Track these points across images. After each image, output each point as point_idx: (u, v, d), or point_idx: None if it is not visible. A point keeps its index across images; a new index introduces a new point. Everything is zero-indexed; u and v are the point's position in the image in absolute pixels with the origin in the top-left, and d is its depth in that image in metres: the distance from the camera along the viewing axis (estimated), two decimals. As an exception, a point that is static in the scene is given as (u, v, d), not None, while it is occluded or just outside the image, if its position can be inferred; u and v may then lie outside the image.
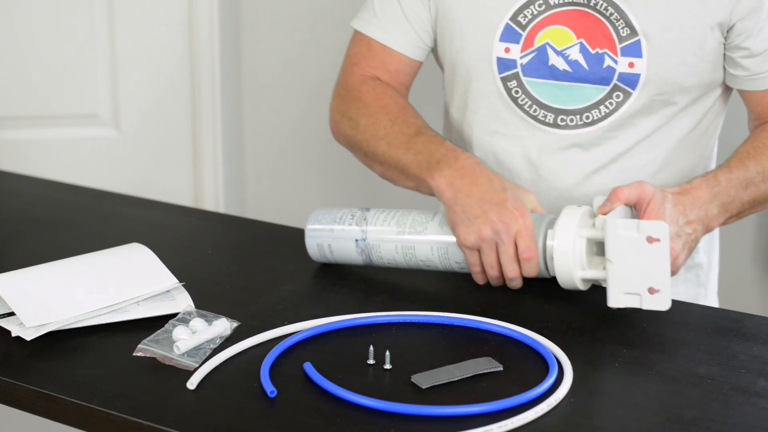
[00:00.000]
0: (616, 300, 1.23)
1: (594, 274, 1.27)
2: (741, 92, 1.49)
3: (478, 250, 1.30)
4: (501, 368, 1.15)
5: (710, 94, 1.49)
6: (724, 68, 1.47)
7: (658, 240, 1.19)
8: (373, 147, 1.46)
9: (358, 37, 1.57)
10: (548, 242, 1.28)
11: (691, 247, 1.32)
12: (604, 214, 1.28)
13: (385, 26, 1.54)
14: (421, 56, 1.56)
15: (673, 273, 1.30)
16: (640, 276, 1.21)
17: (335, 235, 1.38)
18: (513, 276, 1.30)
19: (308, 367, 1.14)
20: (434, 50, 1.57)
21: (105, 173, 2.43)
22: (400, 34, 1.53)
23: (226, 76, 2.46)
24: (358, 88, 1.53)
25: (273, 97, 2.55)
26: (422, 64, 1.58)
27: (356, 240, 1.37)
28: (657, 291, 1.21)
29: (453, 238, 1.33)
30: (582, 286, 1.28)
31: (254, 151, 2.60)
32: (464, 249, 1.31)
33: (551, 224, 1.29)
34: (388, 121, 1.46)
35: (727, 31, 1.43)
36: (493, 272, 1.30)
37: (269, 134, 2.59)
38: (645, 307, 1.22)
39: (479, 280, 1.33)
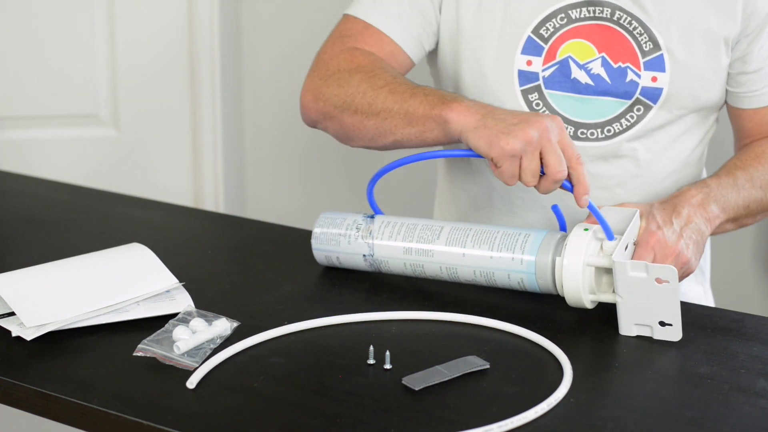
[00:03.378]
0: (627, 329, 1.24)
1: (604, 297, 1.27)
2: (732, 109, 1.50)
3: (520, 158, 1.23)
4: (488, 365, 1.15)
5: (715, 109, 1.51)
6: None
7: (667, 281, 1.19)
8: (371, 97, 1.38)
9: (351, 19, 1.51)
10: (556, 267, 1.27)
11: (698, 241, 1.31)
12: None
13: (387, 14, 1.48)
14: (416, 56, 1.51)
15: (686, 275, 1.30)
16: (651, 311, 1.21)
17: (342, 249, 1.38)
18: (559, 173, 1.23)
19: None
20: (447, 65, 1.53)
21: (105, 173, 2.43)
22: (401, 25, 1.48)
23: (226, 76, 2.46)
24: (350, 52, 1.46)
25: (273, 96, 2.55)
26: (413, 66, 1.53)
27: (364, 255, 1.37)
28: (668, 324, 1.22)
29: (460, 257, 1.31)
30: (590, 306, 1.28)
31: (254, 152, 2.60)
32: (504, 159, 1.23)
33: (560, 246, 1.27)
34: (388, 75, 1.40)
35: (733, 47, 1.44)
36: (531, 179, 1.24)
37: (269, 134, 2.59)
38: (656, 337, 1.22)
39: (512, 183, 1.26)
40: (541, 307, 1.30)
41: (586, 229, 1.26)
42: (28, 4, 2.34)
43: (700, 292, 1.60)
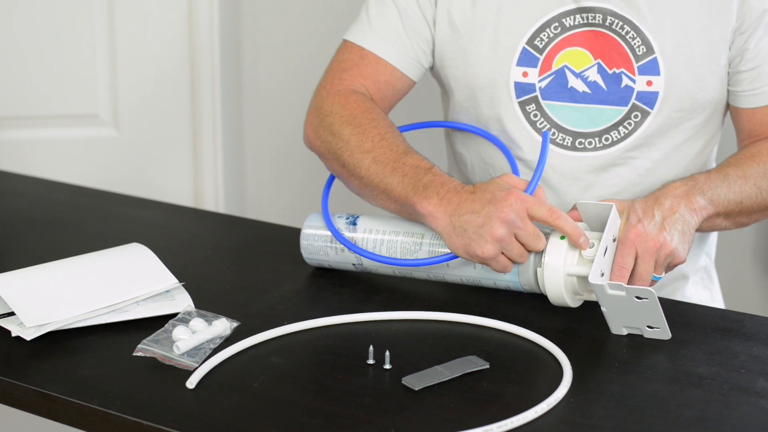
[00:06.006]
0: (617, 330, 1.24)
1: (590, 297, 1.27)
2: (732, 109, 1.48)
3: (502, 252, 1.26)
4: (488, 366, 1.15)
5: (718, 113, 1.49)
6: None
7: (646, 298, 1.19)
8: (356, 159, 1.39)
9: (348, 46, 1.52)
10: (539, 278, 1.27)
11: (683, 231, 1.29)
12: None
13: (382, 38, 1.49)
14: (415, 75, 1.51)
15: (675, 265, 1.29)
16: (636, 318, 1.22)
17: (331, 259, 1.39)
18: (540, 248, 1.25)
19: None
20: (441, 78, 1.53)
21: (105, 173, 2.43)
22: (396, 47, 1.49)
23: (226, 76, 2.46)
24: (346, 96, 1.47)
25: (273, 97, 2.55)
26: (414, 85, 1.53)
27: (353, 264, 1.38)
28: (655, 327, 1.22)
29: (445, 267, 1.32)
30: (577, 305, 1.28)
31: (254, 151, 2.60)
32: (489, 262, 1.26)
33: (540, 253, 1.27)
34: (377, 135, 1.40)
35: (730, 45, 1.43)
36: (522, 259, 1.26)
37: (269, 134, 2.59)
38: (647, 336, 1.23)
39: (509, 271, 1.28)
40: (541, 306, 1.30)
41: (562, 237, 1.26)
42: (28, 4, 2.34)
43: (707, 296, 1.59)
